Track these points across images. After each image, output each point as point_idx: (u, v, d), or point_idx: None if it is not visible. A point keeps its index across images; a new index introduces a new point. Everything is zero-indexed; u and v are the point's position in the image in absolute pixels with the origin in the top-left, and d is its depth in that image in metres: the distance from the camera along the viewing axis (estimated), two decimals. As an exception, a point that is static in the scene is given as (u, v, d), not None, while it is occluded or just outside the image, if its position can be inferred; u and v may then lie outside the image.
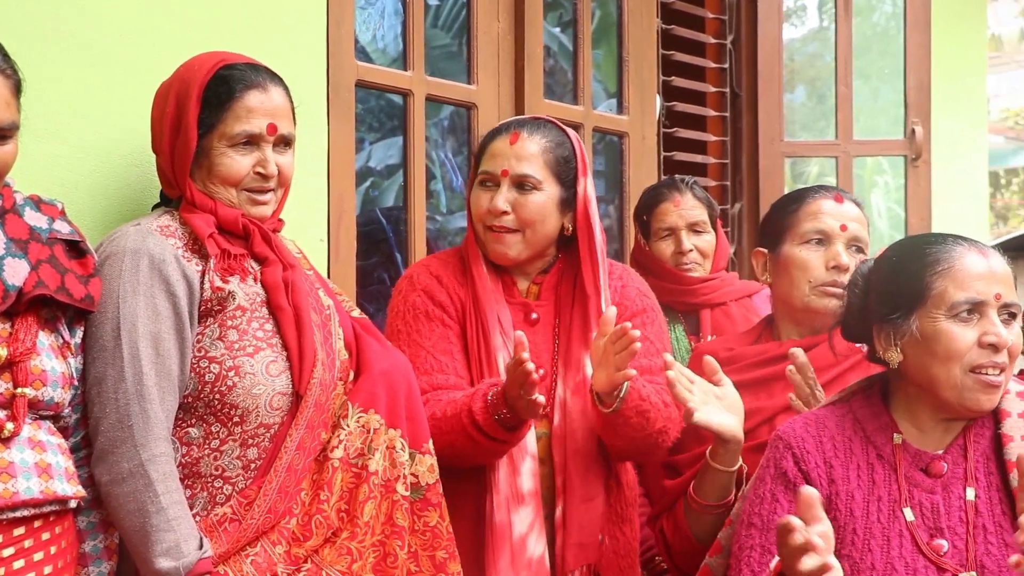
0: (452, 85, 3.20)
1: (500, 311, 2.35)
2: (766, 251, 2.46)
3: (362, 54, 6.32)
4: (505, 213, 2.33)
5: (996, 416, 1.93)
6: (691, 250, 3.12)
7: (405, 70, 3.05)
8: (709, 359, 2.25)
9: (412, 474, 2.05)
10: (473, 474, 2.29)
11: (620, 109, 3.72)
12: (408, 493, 2.03)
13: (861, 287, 2.02)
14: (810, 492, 1.63)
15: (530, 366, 2.06)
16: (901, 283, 1.92)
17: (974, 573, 1.80)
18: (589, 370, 2.32)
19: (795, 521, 1.59)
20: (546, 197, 2.35)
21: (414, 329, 2.34)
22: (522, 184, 2.34)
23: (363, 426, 2.00)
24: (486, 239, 2.37)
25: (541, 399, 2.12)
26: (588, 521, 2.29)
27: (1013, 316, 1.89)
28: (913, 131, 4.21)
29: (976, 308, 1.86)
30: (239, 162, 2.01)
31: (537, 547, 2.26)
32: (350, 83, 2.82)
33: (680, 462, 2.39)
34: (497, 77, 3.24)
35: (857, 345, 2.16)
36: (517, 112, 3.26)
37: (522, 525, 2.25)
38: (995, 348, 1.85)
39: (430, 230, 4.89)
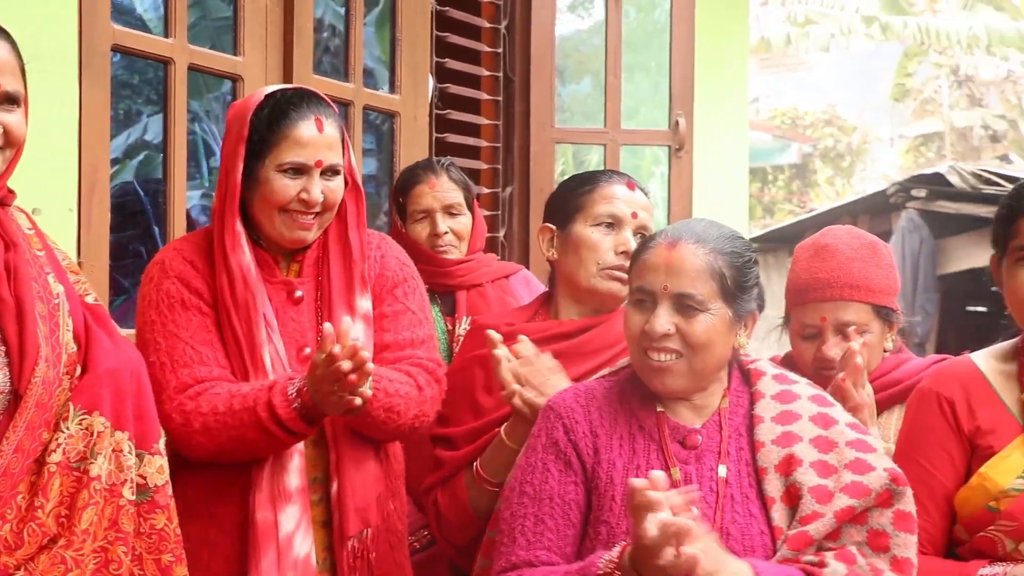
0: (216, 55, 3.11)
1: (259, 293, 2.28)
2: (554, 228, 2.48)
3: (139, 22, 6.07)
4: (320, 201, 2.27)
5: (751, 397, 2.03)
6: (446, 232, 3.13)
7: (166, 37, 2.94)
8: (524, 339, 2.28)
9: (140, 476, 1.96)
10: (235, 474, 2.23)
11: (392, 89, 3.72)
12: (134, 497, 1.94)
13: None
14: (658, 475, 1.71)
15: (345, 365, 2.01)
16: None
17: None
18: (353, 333, 2.28)
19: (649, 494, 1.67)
20: (343, 179, 2.32)
21: (170, 320, 2.24)
22: (332, 171, 2.28)
23: (86, 428, 1.89)
24: (286, 225, 2.28)
25: (369, 392, 2.10)
26: (362, 486, 2.27)
27: (689, 306, 1.98)
28: (677, 123, 4.38)
29: (648, 296, 2.01)
30: None
31: (303, 546, 2.22)
32: (105, 48, 2.70)
33: (454, 436, 2.40)
34: (265, 50, 3.17)
35: None
36: (285, 86, 3.21)
37: (289, 524, 2.20)
38: (649, 336, 1.97)
39: (205, 207, 4.74)
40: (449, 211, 3.15)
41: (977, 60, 18.78)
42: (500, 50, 4.27)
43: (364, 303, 2.33)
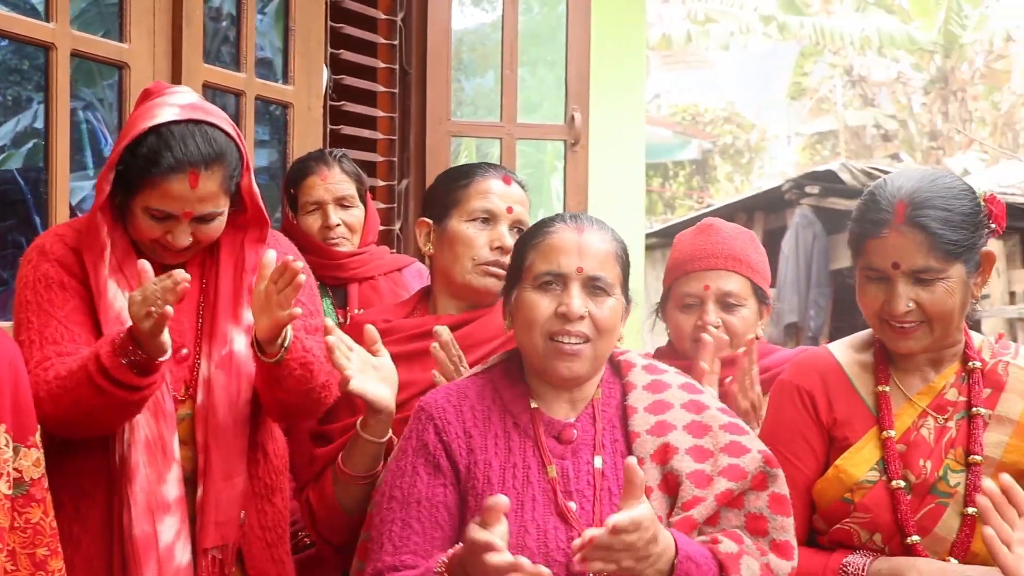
0: (101, 42, 3.04)
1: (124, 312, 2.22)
2: (431, 222, 2.47)
3: (26, 5, 5.89)
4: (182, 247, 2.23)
5: (623, 388, 2.04)
6: (338, 224, 3.10)
7: (48, 21, 2.86)
8: (370, 328, 2.24)
9: (16, 469, 1.91)
10: (101, 474, 2.20)
11: (286, 79, 3.67)
12: (10, 491, 1.89)
13: None
14: (497, 500, 1.70)
15: (181, 274, 1.98)
16: (512, 259, 2.10)
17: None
18: (237, 344, 2.27)
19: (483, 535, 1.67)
20: (224, 215, 2.26)
21: (45, 299, 2.19)
22: (204, 219, 2.22)
23: None
24: (155, 252, 2.25)
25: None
26: (227, 500, 2.24)
27: (599, 289, 1.99)
28: (572, 118, 4.40)
29: (558, 279, 1.98)
30: None
31: (184, 555, 2.19)
32: (-18, 31, 2.62)
33: (331, 431, 2.37)
34: (152, 36, 3.10)
35: None
36: (174, 74, 3.14)
37: (169, 534, 2.17)
38: (567, 317, 1.95)
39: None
40: (341, 203, 3.13)
41: (869, 61, 19.29)
42: (396, 42, 4.25)
43: (250, 315, 2.28)
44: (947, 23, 16.93)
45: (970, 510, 2.05)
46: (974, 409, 2.12)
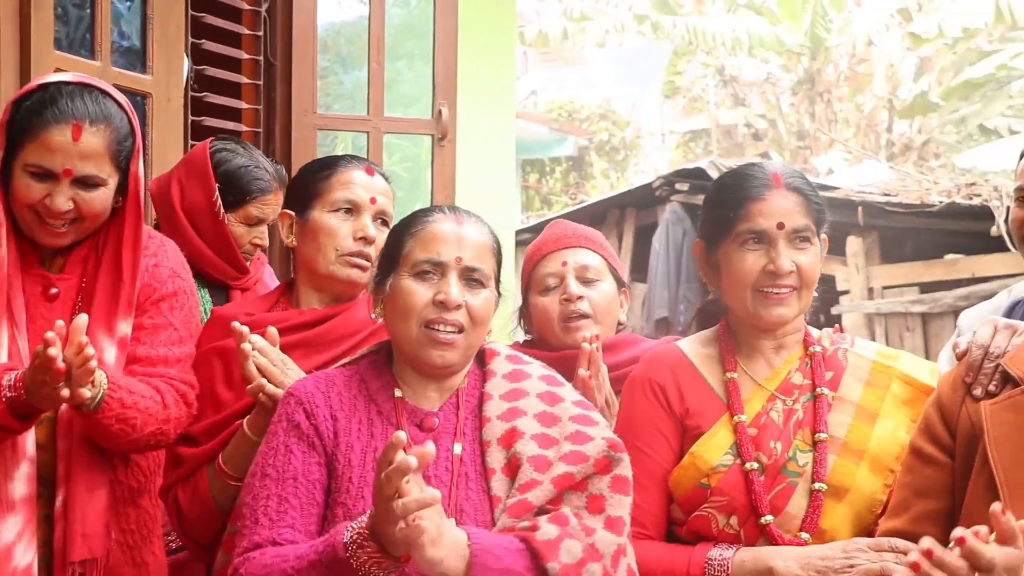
0: (-59, 27, 2.93)
1: (13, 284, 2.17)
2: (293, 214, 2.46)
3: None
4: (68, 211, 2.16)
5: (484, 376, 2.08)
6: (260, 245, 3.09)
7: None
8: (273, 331, 2.24)
9: None
10: None
11: (144, 69, 3.58)
12: None
13: None
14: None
15: (53, 352, 1.92)
16: (387, 247, 2.11)
17: (453, 520, 1.90)
18: (107, 355, 2.21)
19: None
20: (109, 190, 2.20)
21: None
22: (86, 182, 2.16)
23: None
24: (35, 227, 2.18)
25: (66, 393, 2.00)
26: (93, 511, 2.19)
27: (475, 281, 2.02)
28: (440, 112, 4.40)
29: (436, 268, 2.01)
30: None
31: (25, 556, 2.13)
32: None
33: (195, 431, 2.34)
34: (-2, 21, 3.01)
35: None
36: (22, 61, 3.04)
37: (10, 534, 2.11)
38: (445, 305, 1.98)
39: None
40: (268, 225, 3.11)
41: (740, 62, 19.73)
42: (260, 33, 4.18)
43: (124, 327, 2.24)
44: (813, 26, 17.43)
45: (816, 485, 2.14)
46: (818, 390, 2.22)
